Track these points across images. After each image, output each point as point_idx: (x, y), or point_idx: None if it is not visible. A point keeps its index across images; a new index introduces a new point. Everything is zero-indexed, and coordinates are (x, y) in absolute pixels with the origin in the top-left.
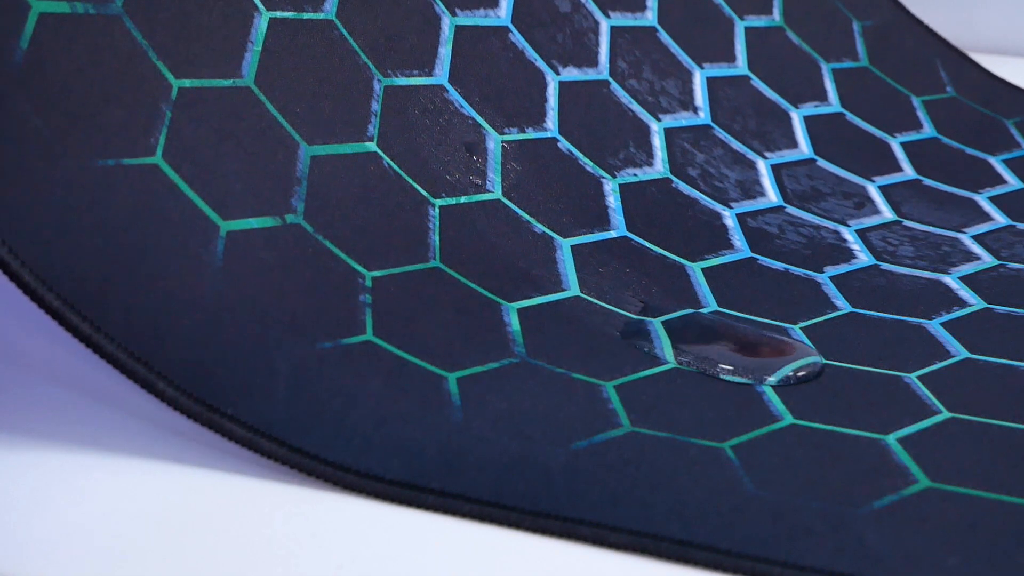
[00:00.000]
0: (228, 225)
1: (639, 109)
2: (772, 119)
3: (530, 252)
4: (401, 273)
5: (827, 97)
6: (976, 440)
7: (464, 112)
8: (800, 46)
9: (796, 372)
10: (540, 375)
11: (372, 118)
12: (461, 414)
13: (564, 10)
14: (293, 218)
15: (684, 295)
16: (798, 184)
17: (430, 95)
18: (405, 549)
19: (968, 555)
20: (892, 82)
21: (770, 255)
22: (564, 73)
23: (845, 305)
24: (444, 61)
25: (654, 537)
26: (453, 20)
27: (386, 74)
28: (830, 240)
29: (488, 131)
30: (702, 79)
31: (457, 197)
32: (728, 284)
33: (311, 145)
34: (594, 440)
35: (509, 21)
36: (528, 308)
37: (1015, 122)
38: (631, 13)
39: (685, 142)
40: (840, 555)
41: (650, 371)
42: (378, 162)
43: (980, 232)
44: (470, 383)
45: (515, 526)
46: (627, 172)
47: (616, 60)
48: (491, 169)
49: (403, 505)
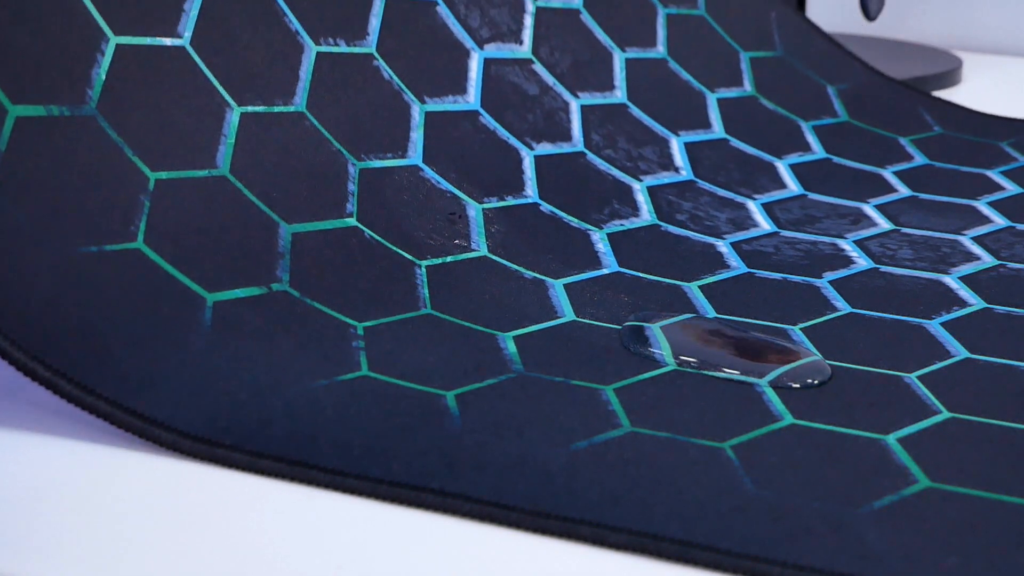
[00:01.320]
0: (214, 296)
1: (619, 173)
2: (757, 169)
3: (522, 294)
4: (393, 321)
5: (811, 148)
6: (976, 440)
7: (442, 187)
8: (776, 111)
9: (806, 379)
10: (538, 384)
11: (350, 197)
12: (460, 423)
13: (532, 92)
14: (279, 286)
15: (683, 309)
16: (791, 214)
17: (406, 174)
18: (405, 549)
19: (968, 555)
20: (876, 130)
21: (767, 268)
22: (538, 148)
23: (844, 306)
24: (417, 144)
25: (654, 537)
26: (423, 107)
27: (360, 158)
28: (828, 251)
29: (468, 201)
30: (679, 144)
31: (443, 257)
32: (726, 294)
33: (291, 224)
34: (594, 440)
35: (479, 105)
36: (524, 335)
37: (1010, 143)
38: (600, 92)
39: (670, 195)
40: (840, 555)
41: (650, 373)
42: (360, 235)
43: (980, 234)
44: (468, 398)
45: (515, 526)
46: (614, 223)
47: (590, 134)
48: (474, 232)
49: (403, 505)
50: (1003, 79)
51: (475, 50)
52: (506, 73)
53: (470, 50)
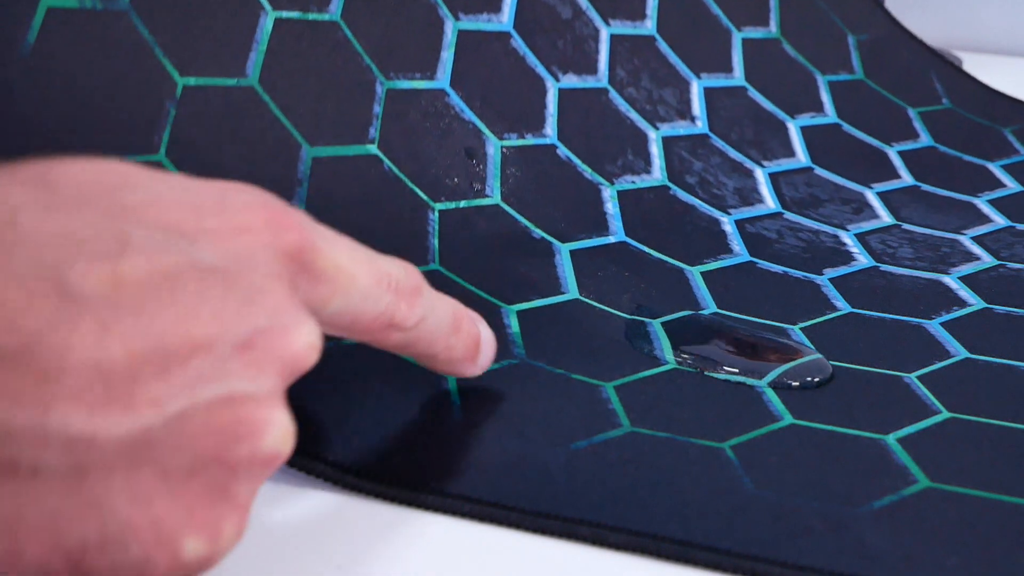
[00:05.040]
0: None
1: (637, 117)
2: (769, 129)
3: (529, 257)
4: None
5: (823, 108)
6: (976, 440)
7: (465, 117)
8: (796, 58)
9: (806, 378)
10: (539, 376)
11: (374, 120)
12: (461, 415)
13: (565, 16)
14: None
15: (683, 298)
16: (796, 192)
17: (431, 99)
18: (405, 549)
19: (968, 555)
20: (888, 94)
21: (769, 259)
22: (564, 80)
23: (845, 306)
24: (446, 65)
25: (654, 537)
26: (456, 24)
27: (389, 77)
28: (829, 244)
29: (488, 136)
30: (699, 89)
31: (456, 201)
32: (727, 287)
33: (313, 146)
34: (594, 440)
35: (511, 26)
36: (528, 311)
37: (1013, 130)
38: (631, 21)
39: (683, 150)
40: (840, 555)
41: (650, 371)
42: (379, 165)
43: (980, 233)
44: (470, 384)
45: (515, 526)
46: (625, 179)
47: (615, 68)
48: (490, 174)
49: (403, 505)
50: (1003, 79)
51: None
52: None
53: None
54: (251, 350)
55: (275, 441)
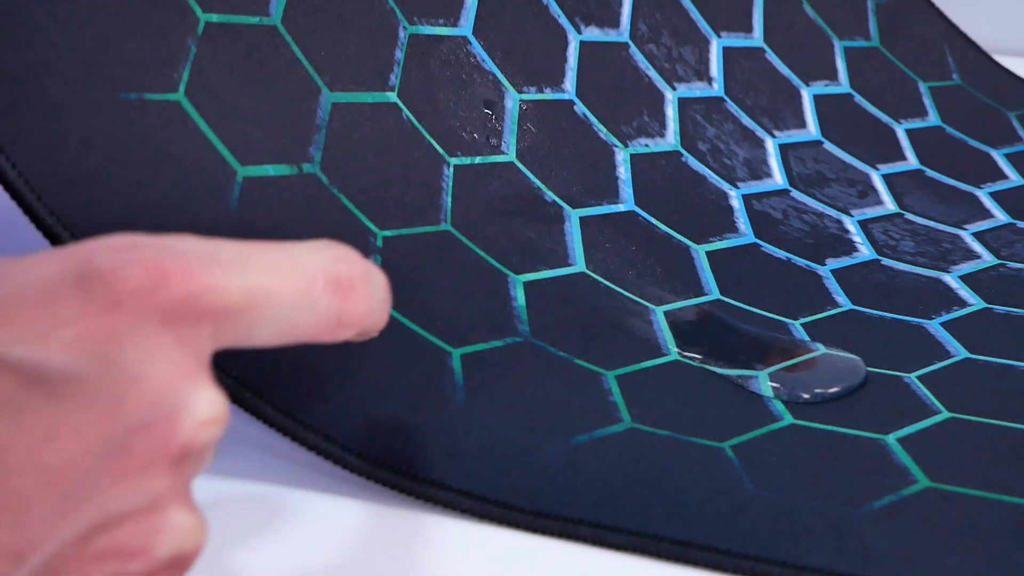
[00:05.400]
0: (245, 171)
1: (655, 76)
2: (783, 96)
3: (539, 221)
4: (412, 234)
5: (837, 76)
6: (976, 440)
7: (485, 67)
8: (815, 20)
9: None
10: (543, 358)
11: (395, 67)
12: (463, 396)
13: None
14: (310, 167)
15: (687, 280)
16: (804, 167)
17: (453, 47)
18: (405, 549)
19: (968, 555)
20: (901, 65)
21: (773, 242)
22: (586, 32)
23: (845, 302)
24: (470, 11)
25: (654, 537)
26: None
27: (412, 21)
28: (833, 230)
29: (508, 89)
30: (718, 48)
31: (472, 157)
32: (731, 271)
33: (333, 91)
34: (595, 435)
35: None
36: (534, 282)
37: (1018, 115)
38: None
39: (697, 114)
40: (840, 555)
41: (652, 362)
42: (397, 114)
43: (981, 229)
44: (474, 363)
45: (515, 525)
46: (639, 142)
47: (637, 22)
48: (507, 130)
49: (403, 493)
50: None
51: None
52: None
53: None
54: (126, 456)
55: (172, 547)
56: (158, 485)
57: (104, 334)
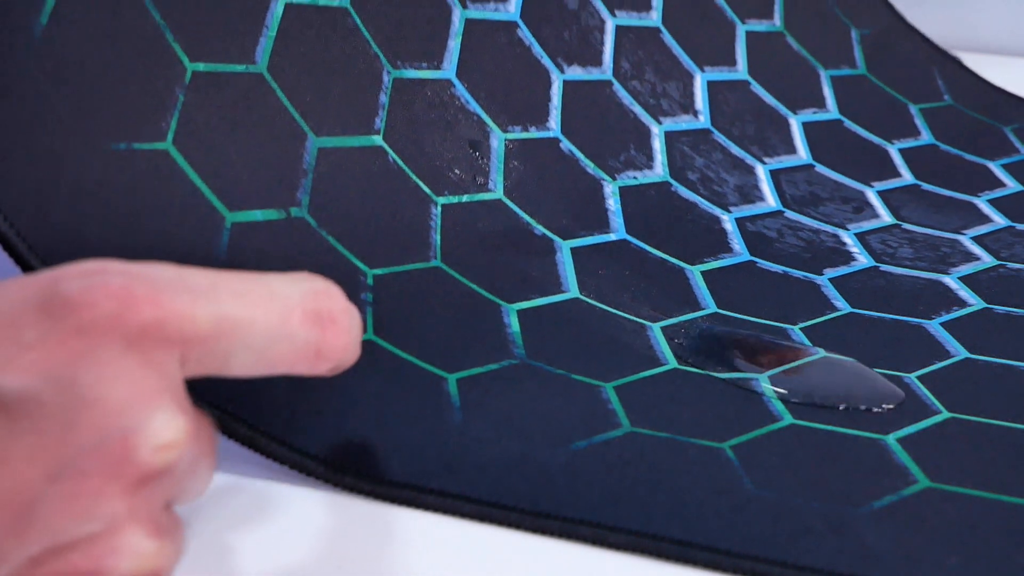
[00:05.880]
0: (234, 216)
1: (640, 111)
2: (771, 125)
3: (530, 254)
4: (402, 272)
5: (825, 104)
6: (976, 440)
7: (470, 108)
8: (799, 52)
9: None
10: (539, 376)
11: (380, 111)
12: (461, 415)
13: (572, 7)
14: (298, 211)
15: (683, 297)
16: (796, 189)
17: (437, 89)
18: (405, 549)
19: (968, 555)
20: (890, 90)
21: (769, 258)
22: (569, 72)
23: (845, 306)
24: (453, 54)
25: (654, 537)
26: (464, 13)
27: (396, 66)
28: (829, 244)
29: (492, 128)
30: (703, 82)
31: (459, 196)
32: (727, 286)
33: (319, 136)
34: (594, 440)
35: (518, 16)
36: (528, 309)
37: (1013, 128)
38: (636, 13)
39: (685, 146)
40: (840, 555)
41: (650, 372)
42: (383, 157)
43: (980, 233)
44: (470, 384)
45: (515, 526)
46: (627, 175)
47: (620, 60)
48: (493, 168)
49: (403, 505)
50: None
51: None
52: None
53: None
54: (79, 479)
55: (128, 572)
56: (113, 508)
57: (65, 358)
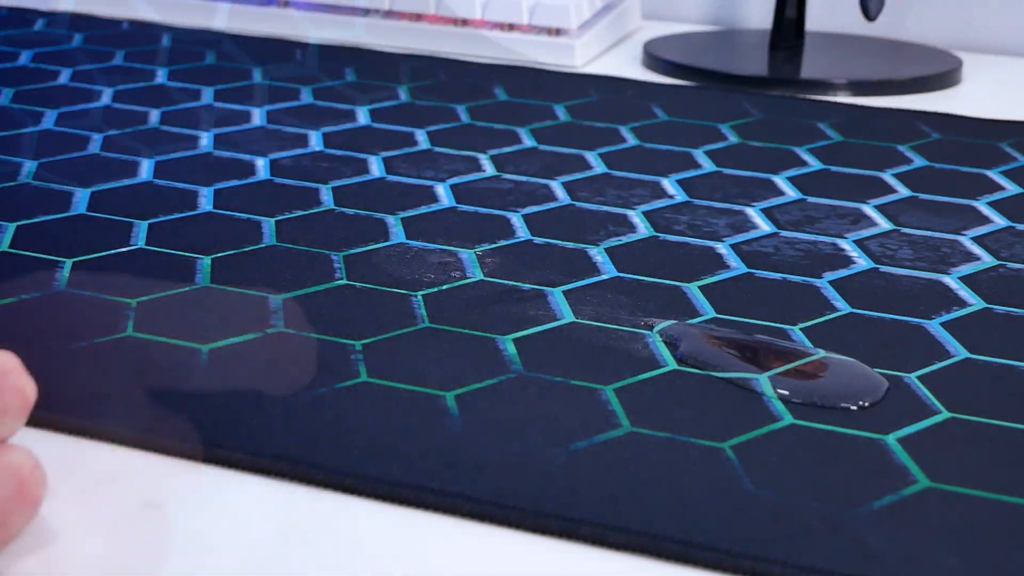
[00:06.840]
0: (209, 346)
1: (611, 209)
2: (754, 184)
3: (523, 301)
4: (391, 337)
5: (808, 164)
6: (976, 440)
7: (430, 247)
8: (766, 146)
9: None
10: (538, 384)
11: (337, 271)
12: (460, 423)
13: (507, 187)
14: (274, 329)
15: (682, 308)
16: (790, 216)
17: (391, 249)
18: (405, 549)
19: (968, 555)
20: (875, 142)
21: (767, 269)
22: (525, 211)
23: (844, 306)
24: (397, 227)
25: (654, 537)
26: (396, 217)
27: (341, 250)
28: (828, 251)
29: (459, 251)
30: (671, 181)
31: (439, 286)
32: (725, 294)
33: (279, 295)
34: (594, 440)
35: (452, 203)
36: (523, 337)
37: (1010, 143)
38: (580, 172)
39: (665, 213)
40: (840, 555)
41: (650, 374)
42: (351, 288)
43: (979, 234)
44: (468, 397)
45: (515, 526)
46: (610, 241)
47: (576, 193)
48: (468, 269)
49: (403, 504)
50: (1003, 79)
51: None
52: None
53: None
54: None
55: None
56: None
57: None
